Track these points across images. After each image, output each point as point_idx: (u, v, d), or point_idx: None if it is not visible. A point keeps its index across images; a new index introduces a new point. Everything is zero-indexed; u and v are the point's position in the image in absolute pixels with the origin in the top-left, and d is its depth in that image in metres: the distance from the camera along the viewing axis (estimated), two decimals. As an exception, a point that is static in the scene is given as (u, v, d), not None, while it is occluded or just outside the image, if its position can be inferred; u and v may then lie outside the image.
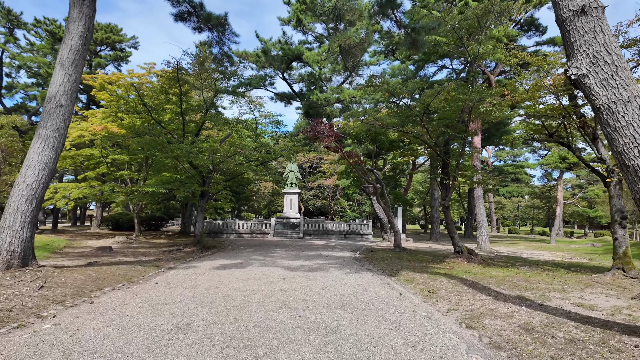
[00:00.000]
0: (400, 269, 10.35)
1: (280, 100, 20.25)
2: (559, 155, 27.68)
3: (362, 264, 11.53)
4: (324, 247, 17.99)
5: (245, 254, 13.72)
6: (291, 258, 12.74)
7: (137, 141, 13.71)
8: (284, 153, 16.18)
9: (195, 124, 16.87)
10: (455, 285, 7.76)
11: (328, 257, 13.16)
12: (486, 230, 19.15)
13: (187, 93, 15.40)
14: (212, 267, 10.10)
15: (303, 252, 15.07)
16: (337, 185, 47.23)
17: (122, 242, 17.01)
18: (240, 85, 16.03)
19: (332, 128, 13.44)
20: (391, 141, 14.56)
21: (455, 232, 12.33)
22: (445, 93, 10.13)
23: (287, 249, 16.46)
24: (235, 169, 14.99)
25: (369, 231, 26.66)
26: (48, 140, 7.62)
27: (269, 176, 20.18)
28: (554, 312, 5.66)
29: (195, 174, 15.34)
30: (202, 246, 15.33)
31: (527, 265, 12.14)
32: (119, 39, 25.56)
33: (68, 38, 7.95)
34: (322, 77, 17.83)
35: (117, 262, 10.30)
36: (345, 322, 4.96)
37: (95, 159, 20.52)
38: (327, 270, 9.92)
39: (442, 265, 10.96)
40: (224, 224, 25.80)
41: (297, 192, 29.97)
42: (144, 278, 8.36)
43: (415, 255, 14.10)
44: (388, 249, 16.69)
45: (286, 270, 9.78)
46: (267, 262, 11.36)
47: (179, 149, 13.22)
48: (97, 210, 29.21)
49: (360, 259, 13.15)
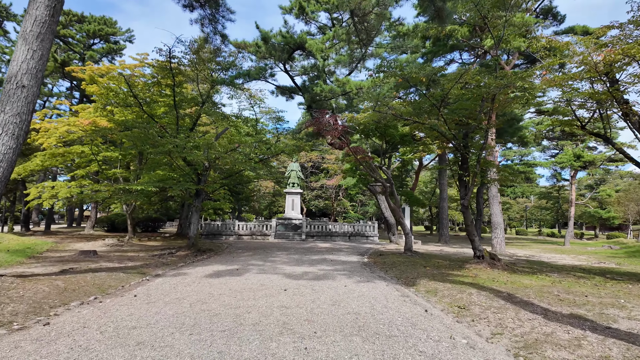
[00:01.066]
0: (417, 276, 9.14)
1: (281, 94, 19.04)
2: (573, 153, 26.41)
3: (373, 271, 10.31)
4: (328, 250, 16.79)
5: (243, 258, 12.53)
6: (293, 263, 11.54)
7: (125, 135, 12.56)
8: (286, 149, 15.00)
9: (190, 118, 15.71)
10: (489, 298, 6.55)
11: (334, 262, 11.96)
12: (502, 232, 17.92)
13: (180, 84, 14.24)
14: (204, 275, 8.91)
15: (306, 255, 13.87)
16: (340, 185, 46.04)
17: (112, 244, 15.85)
18: (239, 76, 14.87)
19: (337, 121, 12.25)
20: (402, 135, 13.34)
21: (476, 235, 11.11)
22: (468, 76, 8.92)
23: (289, 252, 15.27)
24: (232, 166, 13.80)
25: (375, 233, 25.44)
26: (7, 127, 6.44)
27: (270, 175, 19.01)
28: (632, 339, 4.43)
29: (190, 171, 14.18)
30: (197, 249, 14.16)
31: (556, 272, 10.90)
32: (112, 31, 24.38)
33: (32, 8, 6.78)
34: (326, 70, 16.64)
35: (97, 269, 9.13)
36: (368, 358, 3.75)
37: (87, 157, 19.40)
38: (335, 278, 8.71)
39: (463, 273, 9.74)
40: (222, 225, 24.64)
41: (299, 192, 28.78)
42: (123, 289, 7.17)
43: (430, 260, 12.87)
44: (398, 253, 15.46)
45: (288, 278, 8.58)
46: (266, 269, 10.16)
47: (170, 143, 12.06)
48: (91, 211, 28.08)
49: (370, 264, 11.94)
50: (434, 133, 11.93)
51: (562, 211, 49.18)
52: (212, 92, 16.06)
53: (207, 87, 16.19)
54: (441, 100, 9.73)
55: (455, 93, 9.47)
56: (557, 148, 40.87)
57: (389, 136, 13.08)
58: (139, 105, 14.08)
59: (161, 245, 17.01)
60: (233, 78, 14.49)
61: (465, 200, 11.02)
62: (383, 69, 9.45)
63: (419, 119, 9.92)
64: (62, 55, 22.20)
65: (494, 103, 10.16)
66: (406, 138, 13.44)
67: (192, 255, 13.26)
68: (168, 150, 12.14)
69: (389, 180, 14.40)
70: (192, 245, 14.17)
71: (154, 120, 14.31)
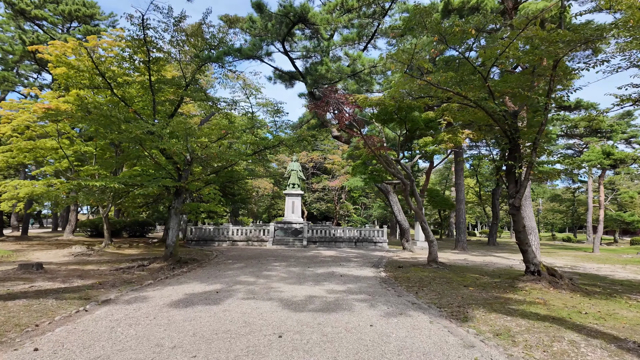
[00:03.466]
0: (463, 303, 6.63)
1: (280, 79, 16.57)
2: (602, 151, 23.95)
3: (399, 292, 7.78)
4: (334, 260, 14.26)
5: (231, 273, 10.01)
6: (293, 280, 9.02)
7: (80, 117, 10.10)
8: (286, 139, 12.49)
9: (172, 104, 13.25)
10: (607, 350, 4.03)
11: (345, 279, 9.43)
12: (537, 238, 15.37)
13: (158, 62, 11.79)
14: (169, 302, 6.40)
15: (309, 268, 11.35)
16: (343, 187, 43.49)
17: (78, 253, 13.33)
18: (229, 52, 12.40)
19: (347, 102, 9.76)
20: (427, 120, 10.81)
21: (529, 244, 8.61)
22: (534, 29, 6.46)
23: (289, 262, 12.75)
24: (220, 159, 11.30)
25: (384, 239, 22.89)
26: None
27: (266, 172, 16.53)
28: None
29: (168, 165, 11.69)
30: (176, 260, 11.63)
31: (634, 292, 8.39)
32: (91, 13, 21.87)
33: None
34: (331, 54, 14.18)
35: (23, 292, 6.63)
36: None
37: (60, 152, 16.93)
38: (352, 308, 6.19)
39: (523, 296, 7.21)
40: (215, 231, 22.11)
41: (300, 194, 26.28)
42: (29, 333, 4.65)
43: (464, 275, 10.34)
44: (418, 264, 12.93)
45: (286, 309, 6.06)
46: (257, 290, 7.64)
47: (139, 128, 9.57)
48: (71, 214, 25.57)
49: (390, 280, 9.40)
50: (468, 116, 9.45)
51: (578, 214, 46.60)
52: (198, 74, 13.63)
53: (193, 67, 13.78)
54: (490, 67, 7.28)
55: (512, 54, 6.99)
56: (573, 147, 38.37)
57: (410, 122, 10.58)
58: (108, 87, 11.63)
59: (138, 254, 14.50)
60: (221, 53, 12.03)
61: (516, 200, 8.51)
62: (412, 25, 7.00)
63: (459, 90, 7.46)
64: (31, 37, 19.82)
65: (555, 69, 7.67)
66: (432, 124, 10.96)
67: (168, 268, 10.74)
68: (137, 138, 9.65)
69: (410, 177, 11.90)
70: (171, 255, 11.65)
71: (125, 104, 11.85)
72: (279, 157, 39.74)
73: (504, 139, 9.36)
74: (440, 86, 7.24)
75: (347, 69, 12.69)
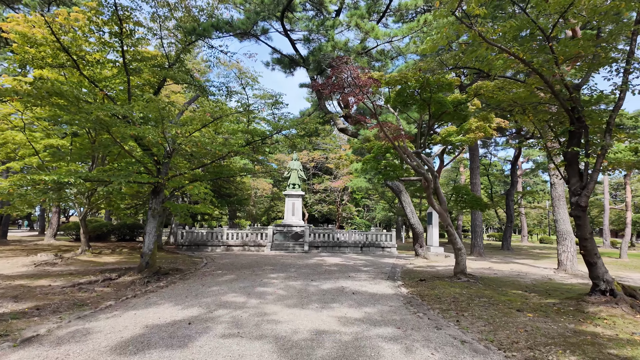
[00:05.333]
0: (531, 340, 4.70)
1: (278, 64, 14.68)
2: (628, 148, 22.00)
3: (435, 320, 5.83)
4: (341, 269, 12.31)
5: (216, 290, 8.07)
6: (294, 300, 7.08)
7: (36, 98, 8.20)
8: (286, 126, 10.55)
9: (152, 87, 11.36)
10: None
11: (359, 298, 7.49)
12: (572, 244, 13.43)
13: (132, 34, 9.90)
14: (115, 343, 4.46)
15: (313, 281, 9.40)
16: (346, 188, 41.51)
17: (41, 263, 11.39)
18: (218, 25, 10.52)
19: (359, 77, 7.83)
20: (457, 103, 8.82)
21: (598, 256, 6.66)
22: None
23: (288, 273, 10.81)
24: (204, 149, 9.37)
25: (392, 243, 20.94)
26: None
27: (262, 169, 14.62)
28: None
29: (144, 157, 9.78)
30: (153, 272, 9.69)
31: None
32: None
33: None
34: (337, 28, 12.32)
35: None
36: None
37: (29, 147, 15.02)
38: (381, 355, 4.24)
39: (609, 329, 5.27)
40: (208, 234, 20.18)
41: (301, 195, 24.38)
42: None
43: (504, 292, 8.38)
44: (440, 275, 10.98)
45: (282, 357, 4.13)
46: (245, 319, 5.69)
47: (101, 109, 7.66)
48: (53, 216, 23.64)
49: (415, 300, 7.45)
50: (510, 96, 7.52)
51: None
52: (184, 54, 11.76)
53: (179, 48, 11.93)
54: (558, 17, 5.41)
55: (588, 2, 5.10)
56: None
57: (436, 105, 8.66)
58: (75, 66, 9.74)
59: (115, 263, 12.56)
60: (208, 25, 10.14)
61: (582, 197, 6.57)
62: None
63: (517, 49, 5.60)
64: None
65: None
66: (460, 107, 9.02)
67: (141, 282, 8.79)
68: (100, 122, 7.73)
69: (432, 172, 9.97)
70: (147, 265, 9.70)
71: (95, 86, 9.96)
72: (278, 157, 37.81)
73: (558, 123, 7.43)
74: (494, 43, 5.33)
75: (358, 46, 10.79)
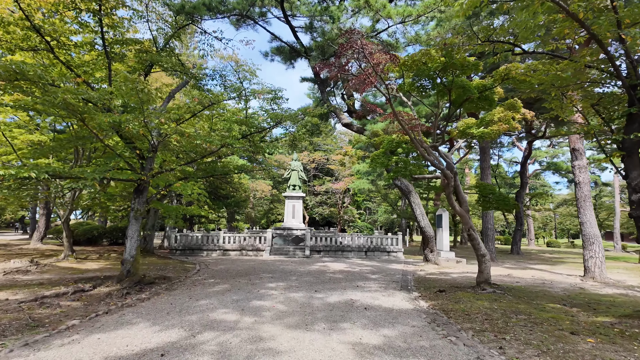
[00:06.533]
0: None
1: (278, 54, 13.59)
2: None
3: (473, 347, 4.65)
4: (347, 276, 11.14)
5: (205, 304, 6.89)
6: (296, 319, 5.90)
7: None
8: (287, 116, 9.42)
9: (138, 74, 10.23)
10: None
11: (373, 315, 6.31)
12: (601, 249, 12.24)
13: (113, 11, 8.80)
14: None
15: (318, 292, 8.23)
16: (347, 190, 40.37)
17: (12, 270, 10.21)
18: (210, 4, 9.42)
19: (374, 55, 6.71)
20: (482, 88, 7.67)
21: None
22: None
23: (289, 282, 9.63)
24: (194, 142, 8.23)
25: (399, 247, 19.76)
26: None
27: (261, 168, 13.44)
28: None
29: (125, 150, 8.63)
30: (135, 282, 8.50)
31: None
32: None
33: None
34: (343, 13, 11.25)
35: None
36: None
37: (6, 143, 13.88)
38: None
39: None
40: (203, 238, 18.99)
41: (301, 197, 23.24)
42: None
43: (540, 306, 7.20)
44: (459, 284, 9.81)
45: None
46: (235, 348, 4.52)
47: (68, 92, 6.52)
48: (40, 218, 22.45)
49: (439, 317, 6.27)
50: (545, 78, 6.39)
51: (600, 220, 43.50)
52: (175, 39, 10.65)
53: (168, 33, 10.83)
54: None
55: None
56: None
57: (458, 89, 7.52)
58: (49, 49, 8.62)
59: (97, 270, 11.38)
60: (200, 3, 9.03)
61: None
62: None
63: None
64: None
65: None
66: (486, 94, 7.88)
67: (119, 293, 7.62)
68: (64, 104, 6.57)
69: (452, 168, 8.82)
70: (128, 274, 8.52)
71: (71, 71, 8.83)
72: (278, 158, 36.71)
73: (610, 106, 6.29)
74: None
75: (368, 28, 9.74)
